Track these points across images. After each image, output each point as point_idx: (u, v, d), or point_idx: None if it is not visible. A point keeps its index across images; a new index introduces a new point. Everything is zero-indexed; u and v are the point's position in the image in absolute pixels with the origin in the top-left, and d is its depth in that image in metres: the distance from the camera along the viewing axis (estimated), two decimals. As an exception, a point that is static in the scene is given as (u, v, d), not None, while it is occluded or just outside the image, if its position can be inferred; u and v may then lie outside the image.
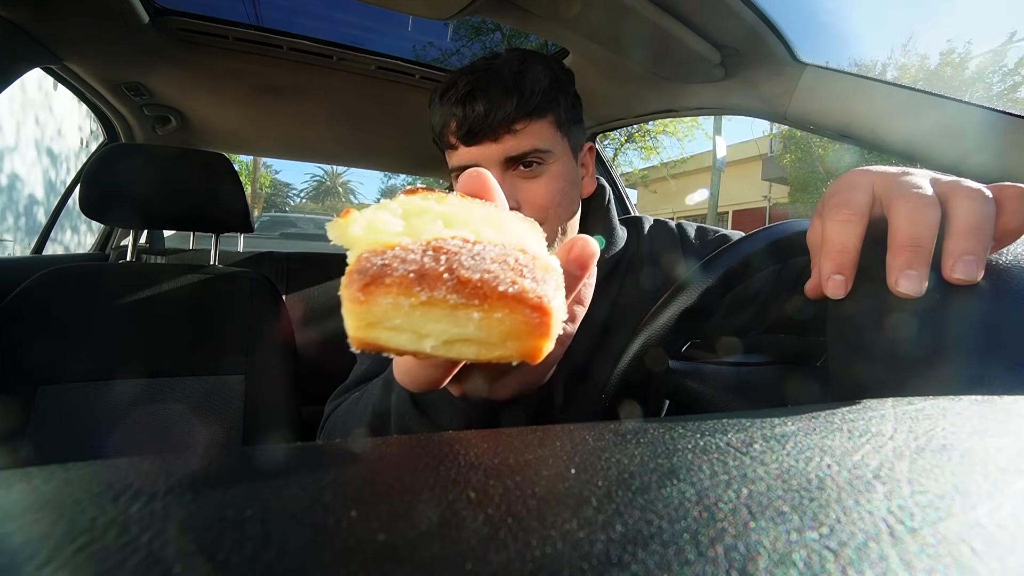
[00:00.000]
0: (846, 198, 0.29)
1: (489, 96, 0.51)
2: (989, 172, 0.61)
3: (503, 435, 0.15)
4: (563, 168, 0.56)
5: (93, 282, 0.85)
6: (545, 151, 0.53)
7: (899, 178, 0.28)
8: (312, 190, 37.23)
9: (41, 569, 0.08)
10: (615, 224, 0.65)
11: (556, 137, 0.55)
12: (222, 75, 1.19)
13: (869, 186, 0.29)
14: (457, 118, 0.52)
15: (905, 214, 0.26)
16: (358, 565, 0.08)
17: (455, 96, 0.52)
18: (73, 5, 0.86)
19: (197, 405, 0.83)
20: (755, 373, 0.42)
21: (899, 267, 0.25)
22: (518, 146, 0.52)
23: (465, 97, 0.51)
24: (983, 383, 0.23)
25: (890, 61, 12.70)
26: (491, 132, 0.52)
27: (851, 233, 0.28)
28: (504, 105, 0.51)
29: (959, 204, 0.26)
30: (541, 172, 0.55)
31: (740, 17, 0.72)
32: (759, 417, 0.15)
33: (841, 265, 0.28)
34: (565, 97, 0.56)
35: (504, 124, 0.51)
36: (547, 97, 0.53)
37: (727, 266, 0.39)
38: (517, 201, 0.54)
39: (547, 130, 0.54)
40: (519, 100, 0.51)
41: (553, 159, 0.55)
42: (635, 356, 0.42)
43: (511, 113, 0.51)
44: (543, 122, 0.54)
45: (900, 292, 0.25)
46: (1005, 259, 0.27)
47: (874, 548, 0.09)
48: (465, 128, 0.52)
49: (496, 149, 0.53)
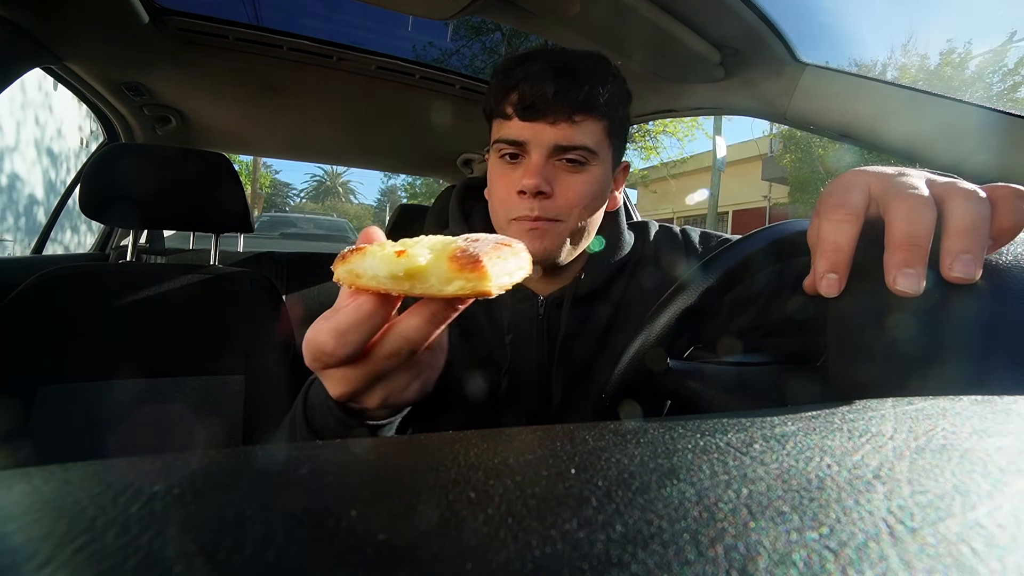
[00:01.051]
0: (842, 198, 0.29)
1: (560, 80, 0.51)
2: (989, 172, 0.61)
3: (503, 435, 0.15)
4: (602, 174, 0.56)
5: (93, 282, 0.85)
6: (592, 152, 0.54)
7: (895, 179, 0.29)
8: (312, 190, 37.25)
9: (41, 569, 0.08)
10: (623, 228, 0.65)
11: (604, 143, 0.56)
12: (222, 75, 1.19)
13: (865, 186, 0.29)
14: (522, 92, 0.52)
15: (902, 214, 0.26)
16: (358, 565, 0.08)
17: (526, 72, 0.52)
18: (73, 5, 0.86)
19: (197, 405, 0.83)
20: (755, 373, 0.42)
21: (897, 265, 0.26)
22: (570, 137, 0.53)
23: (537, 74, 0.51)
24: (983, 383, 0.23)
25: (890, 61, 12.69)
26: (551, 113, 0.52)
27: (846, 232, 0.29)
28: (572, 91, 0.51)
29: (955, 205, 0.26)
30: (582, 170, 0.55)
31: (740, 17, 0.72)
32: (759, 417, 0.15)
33: (835, 264, 0.29)
34: (622, 108, 0.57)
35: (566, 110, 0.52)
36: (610, 102, 0.54)
37: (728, 265, 0.39)
38: (552, 188, 0.54)
39: (599, 133, 0.55)
40: (588, 92, 0.51)
41: (596, 162, 0.55)
42: (635, 355, 0.42)
43: (577, 102, 0.51)
44: (599, 124, 0.54)
45: (898, 290, 0.25)
46: (1005, 259, 0.27)
47: (874, 548, 0.09)
48: (528, 101, 0.52)
49: (550, 133, 0.53)
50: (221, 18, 0.99)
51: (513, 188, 0.54)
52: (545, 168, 0.53)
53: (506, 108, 0.55)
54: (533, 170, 0.53)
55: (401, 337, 0.29)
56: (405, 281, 0.24)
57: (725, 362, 0.44)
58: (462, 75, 1.22)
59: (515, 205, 0.54)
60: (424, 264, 0.24)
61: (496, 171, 0.58)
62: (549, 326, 0.62)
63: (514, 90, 0.53)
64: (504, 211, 0.56)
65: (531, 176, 0.52)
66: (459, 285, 0.24)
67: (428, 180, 11.00)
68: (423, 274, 0.24)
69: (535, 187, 0.52)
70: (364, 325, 0.28)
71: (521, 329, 0.62)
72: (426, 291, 0.24)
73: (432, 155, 1.83)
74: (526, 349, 0.61)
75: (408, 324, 0.29)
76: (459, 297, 0.25)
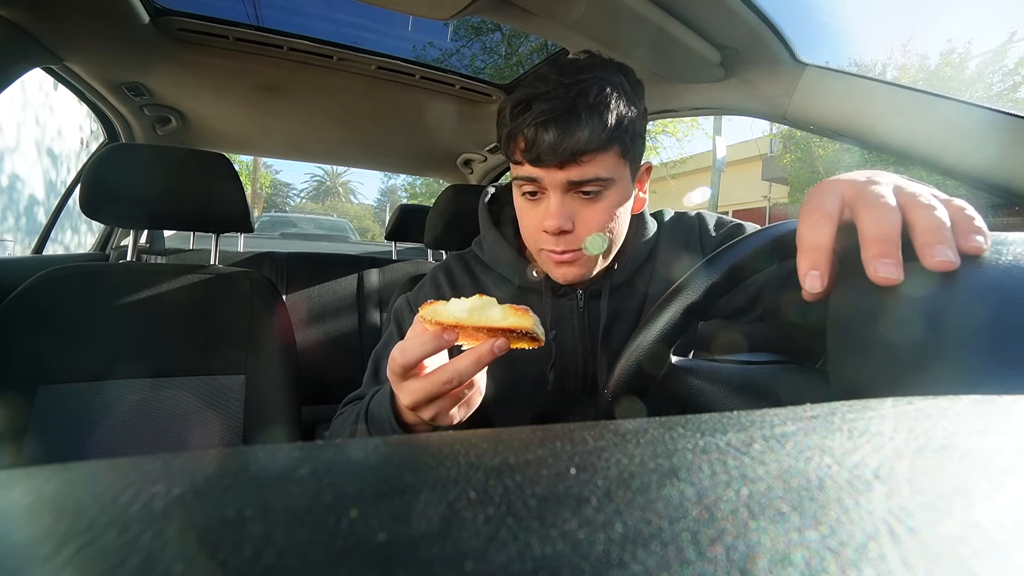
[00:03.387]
0: (817, 203, 0.32)
1: (561, 127, 0.51)
2: (989, 172, 0.61)
3: (503, 435, 0.15)
4: (621, 193, 0.58)
5: (93, 282, 0.85)
6: (607, 179, 0.55)
7: (865, 187, 0.31)
8: (312, 190, 37.24)
9: (41, 569, 0.08)
10: (646, 217, 0.69)
11: (619, 165, 0.56)
12: (222, 75, 1.19)
13: (839, 193, 0.32)
14: (527, 139, 0.53)
15: (871, 218, 0.29)
16: (358, 565, 0.08)
17: (529, 119, 0.53)
18: (73, 5, 0.86)
19: (197, 405, 0.84)
20: (756, 372, 0.42)
21: (874, 257, 0.28)
22: (581, 174, 0.54)
23: (538, 123, 0.52)
24: (983, 383, 0.23)
25: (890, 61, 12.68)
26: (557, 160, 0.53)
27: (822, 233, 0.31)
28: (574, 137, 0.51)
29: (917, 211, 0.29)
30: (600, 198, 0.56)
31: (740, 17, 0.72)
32: (759, 417, 0.15)
33: (815, 262, 0.31)
34: (633, 123, 0.56)
35: (572, 157, 0.52)
36: (616, 129, 0.53)
37: (731, 262, 0.40)
38: (574, 222, 0.56)
39: (611, 160, 0.55)
40: (589, 135, 0.52)
41: (613, 186, 0.56)
42: (636, 354, 0.42)
43: (579, 147, 0.52)
44: (608, 153, 0.54)
45: (881, 278, 0.27)
46: (1005, 259, 0.27)
47: (874, 548, 0.09)
48: (533, 153, 0.53)
49: (560, 175, 0.54)
50: (221, 18, 0.99)
51: (538, 225, 0.58)
52: (564, 206, 0.55)
53: (515, 153, 0.57)
54: (553, 212, 0.55)
55: (454, 370, 0.39)
56: (476, 312, 0.36)
57: (727, 360, 0.44)
58: (462, 75, 1.22)
59: (541, 239, 0.58)
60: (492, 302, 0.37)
61: (520, 204, 0.61)
62: (589, 318, 0.65)
63: (519, 136, 0.54)
64: (533, 242, 0.61)
65: (552, 218, 0.55)
66: (512, 321, 0.36)
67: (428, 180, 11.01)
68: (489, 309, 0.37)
69: (557, 227, 0.55)
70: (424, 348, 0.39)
71: (563, 323, 0.65)
72: (489, 322, 0.36)
73: (432, 155, 1.83)
74: (569, 341, 0.65)
75: (461, 361, 0.39)
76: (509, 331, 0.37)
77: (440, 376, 0.39)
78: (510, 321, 0.36)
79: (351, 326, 1.49)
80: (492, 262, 0.69)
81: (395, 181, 32.89)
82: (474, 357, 0.39)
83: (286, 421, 0.88)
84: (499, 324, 0.36)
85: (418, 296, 0.71)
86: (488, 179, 1.81)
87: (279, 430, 0.86)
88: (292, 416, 0.89)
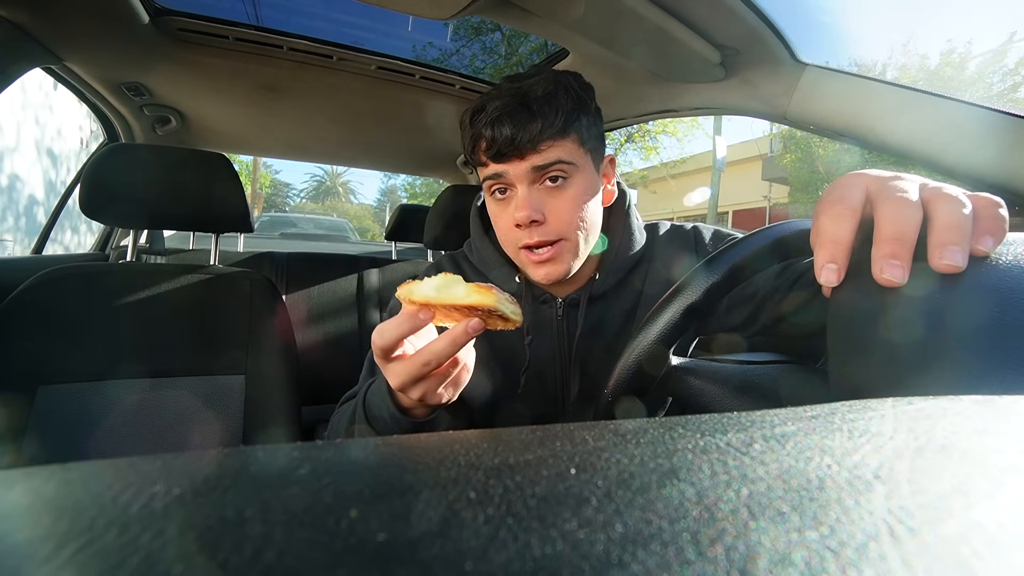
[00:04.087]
0: (840, 195, 0.31)
1: (515, 120, 0.56)
2: (989, 172, 0.61)
3: (503, 435, 0.15)
4: (586, 181, 0.60)
5: (93, 282, 0.85)
6: (569, 163, 0.58)
7: (889, 182, 0.31)
8: (312, 190, 37.23)
9: (41, 569, 0.08)
10: (635, 228, 0.69)
11: (579, 152, 0.59)
12: (222, 75, 1.19)
13: (863, 186, 0.31)
14: (487, 139, 0.57)
15: (891, 214, 0.29)
16: (358, 565, 0.08)
17: (485, 120, 0.57)
18: (73, 5, 0.86)
19: (197, 405, 0.84)
20: (757, 372, 0.42)
21: (883, 257, 0.27)
22: (543, 159, 0.57)
23: (494, 121, 0.56)
24: (983, 383, 0.23)
25: (890, 61, 12.68)
26: (517, 152, 0.57)
27: (843, 226, 0.30)
28: (529, 128, 0.55)
29: (940, 206, 0.28)
30: (566, 186, 0.59)
31: (740, 17, 0.72)
32: (759, 417, 0.15)
33: (833, 255, 0.30)
34: (587, 116, 0.60)
35: (530, 145, 0.56)
36: (569, 119, 0.57)
37: (732, 262, 0.40)
38: (543, 214, 0.58)
39: (571, 146, 0.58)
40: (543, 124, 0.56)
41: (577, 172, 0.59)
42: (639, 353, 0.42)
43: (536, 136, 0.56)
44: (566, 140, 0.58)
45: (885, 279, 0.27)
46: (1005, 259, 0.27)
47: (874, 548, 0.09)
48: (494, 149, 0.57)
49: (523, 165, 0.57)
50: (221, 18, 0.99)
51: (511, 221, 0.59)
52: (532, 197, 0.58)
53: (479, 156, 0.60)
54: (522, 203, 0.58)
55: (430, 352, 0.41)
56: (442, 290, 0.38)
57: (727, 360, 0.44)
58: (462, 75, 1.22)
59: (516, 236, 0.60)
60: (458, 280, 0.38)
61: (493, 208, 0.63)
62: (568, 326, 0.66)
63: (480, 139, 0.58)
64: (509, 242, 0.62)
65: (521, 208, 0.57)
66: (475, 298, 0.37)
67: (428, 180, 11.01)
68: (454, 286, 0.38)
69: (527, 218, 0.57)
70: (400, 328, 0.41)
71: (540, 330, 0.66)
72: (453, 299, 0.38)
73: (432, 155, 1.83)
74: (544, 349, 0.66)
75: (437, 343, 0.40)
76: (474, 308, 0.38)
77: (420, 358, 0.41)
78: (473, 299, 0.37)
79: (351, 326, 1.49)
80: (480, 264, 0.71)
81: (395, 181, 32.91)
82: (449, 339, 0.40)
83: (286, 421, 0.88)
84: (463, 302, 0.38)
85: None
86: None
87: (279, 430, 0.86)
88: (292, 416, 0.89)
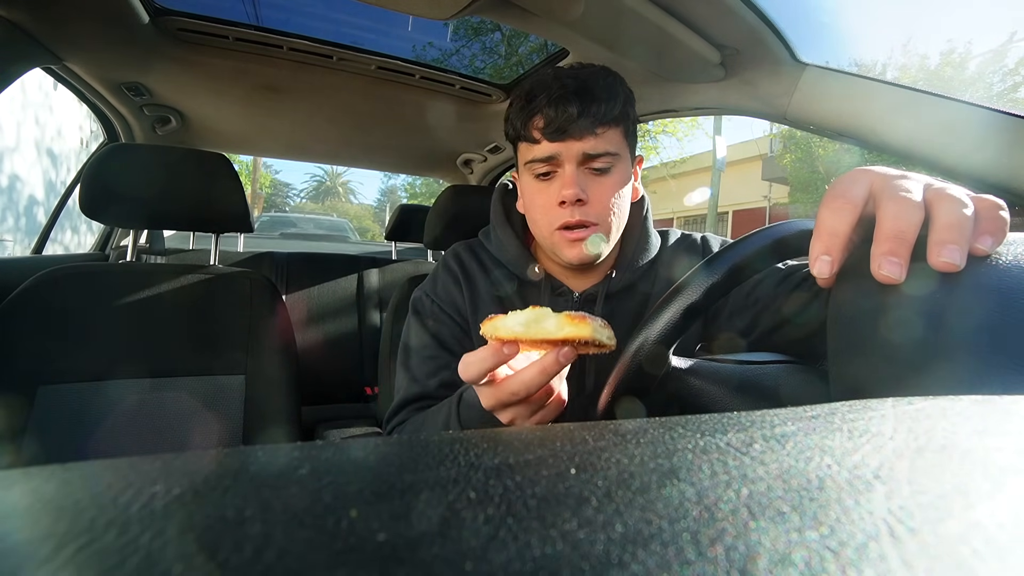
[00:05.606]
0: (844, 190, 0.31)
1: (582, 100, 0.58)
2: (989, 172, 0.61)
3: (503, 435, 0.15)
4: (625, 172, 0.63)
5: (93, 282, 0.85)
6: (615, 155, 0.61)
7: (894, 180, 0.31)
8: (312, 190, 37.22)
9: (41, 569, 0.08)
10: (651, 232, 0.71)
11: (624, 144, 0.62)
12: (222, 75, 1.19)
13: (868, 182, 0.31)
14: (548, 116, 0.59)
15: (892, 212, 0.29)
16: (358, 565, 0.08)
17: (548, 97, 0.59)
18: (73, 5, 0.86)
19: (197, 405, 0.84)
20: (756, 372, 0.42)
21: (882, 254, 0.28)
22: (596, 146, 0.59)
23: (559, 99, 0.58)
24: (983, 383, 0.23)
25: (890, 61, 12.68)
26: (577, 132, 0.58)
27: (842, 219, 0.31)
28: (594, 110, 0.58)
29: (942, 205, 0.28)
30: (609, 174, 0.61)
31: (740, 17, 0.72)
32: (759, 417, 0.15)
33: (829, 247, 0.30)
34: (632, 112, 0.63)
35: (590, 126, 0.58)
36: (624, 109, 0.61)
37: (731, 263, 0.40)
38: (587, 194, 0.60)
39: (618, 137, 0.61)
40: (606, 107, 0.59)
41: (619, 163, 0.62)
42: (636, 353, 0.42)
43: (599, 117, 0.58)
44: (617, 130, 0.61)
45: (883, 275, 0.27)
46: (1005, 259, 0.27)
47: (874, 548, 0.09)
48: (555, 126, 0.59)
49: (578, 146, 0.59)
50: (221, 18, 0.99)
51: (553, 200, 0.61)
52: (578, 178, 0.60)
53: (532, 132, 0.61)
54: (569, 180, 0.59)
55: (520, 381, 0.39)
56: (532, 325, 0.35)
57: (728, 360, 0.44)
58: (462, 75, 1.22)
59: (557, 215, 0.61)
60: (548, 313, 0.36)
61: (532, 188, 0.64)
62: None
63: (538, 114, 0.60)
64: (547, 221, 0.63)
65: (569, 186, 0.59)
66: (567, 331, 0.34)
67: (428, 180, 11.00)
68: (544, 321, 0.35)
69: (574, 196, 0.58)
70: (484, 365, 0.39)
71: None
72: (544, 334, 0.35)
73: (432, 155, 1.83)
74: None
75: (527, 372, 0.39)
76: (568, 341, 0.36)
77: (508, 387, 0.40)
78: (565, 332, 0.34)
79: (351, 326, 1.49)
80: (498, 252, 0.71)
81: (395, 181, 32.92)
82: (539, 368, 0.38)
83: (286, 421, 0.88)
84: (555, 336, 0.35)
85: (435, 286, 0.73)
86: (488, 179, 1.81)
87: (279, 430, 0.86)
88: (292, 416, 0.89)
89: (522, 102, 0.62)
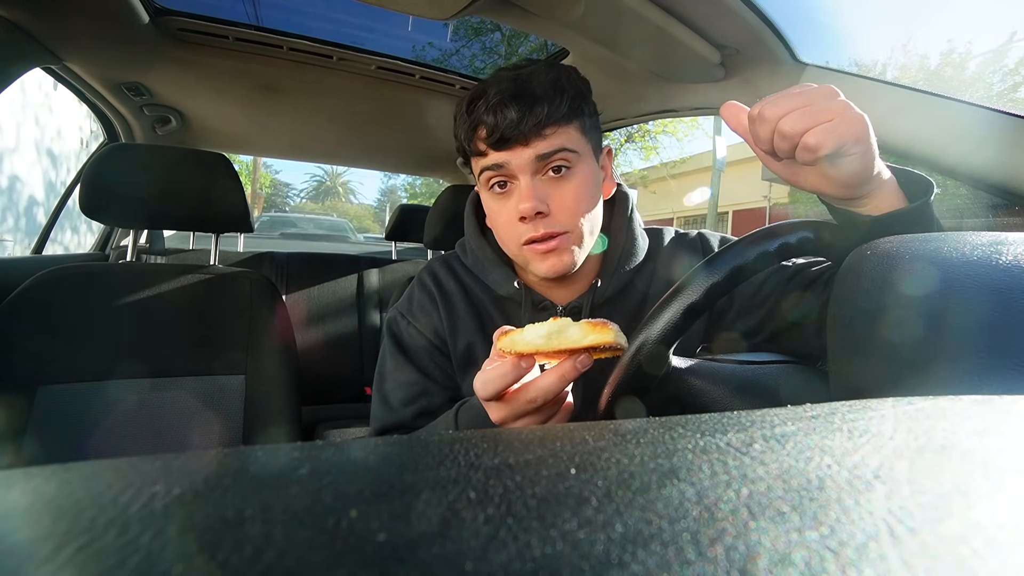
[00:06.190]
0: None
1: (520, 104, 0.53)
2: (989, 172, 0.61)
3: (503, 435, 0.15)
4: (588, 171, 0.58)
5: (93, 282, 0.85)
6: (572, 151, 0.56)
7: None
8: (312, 190, 37.24)
9: (41, 569, 0.08)
10: (637, 233, 0.66)
11: (582, 141, 0.57)
12: (222, 75, 1.19)
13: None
14: (488, 125, 0.54)
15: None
16: (358, 565, 0.08)
17: (485, 105, 0.54)
18: (73, 5, 0.86)
19: (197, 405, 0.84)
20: (756, 372, 0.42)
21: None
22: (548, 146, 0.54)
23: (496, 105, 0.53)
24: (983, 383, 0.23)
25: (890, 61, 12.68)
26: (522, 137, 0.54)
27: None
28: (535, 112, 0.53)
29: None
30: (570, 176, 0.56)
31: (740, 17, 0.72)
32: (759, 417, 0.15)
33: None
34: (587, 104, 0.59)
35: (535, 130, 0.54)
36: (573, 105, 0.56)
37: (733, 263, 0.39)
38: (548, 204, 0.55)
39: (574, 134, 0.56)
40: (550, 107, 0.54)
41: (579, 161, 0.57)
42: (636, 353, 0.42)
43: (542, 120, 0.53)
44: (570, 127, 0.56)
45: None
46: (1005, 259, 0.27)
47: (874, 548, 0.09)
48: (496, 135, 0.54)
49: (527, 152, 0.55)
50: (221, 18, 0.99)
51: (513, 215, 0.56)
52: (536, 188, 0.55)
53: (477, 144, 0.57)
54: (526, 194, 0.55)
55: (537, 388, 0.39)
56: (555, 337, 0.35)
57: (728, 360, 0.44)
58: (462, 75, 1.22)
59: (520, 230, 0.56)
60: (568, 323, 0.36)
61: (493, 205, 0.60)
62: None
63: (480, 125, 0.55)
64: (511, 238, 0.58)
65: (526, 200, 0.54)
66: (593, 338, 0.34)
67: (428, 180, 10.99)
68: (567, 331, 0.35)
69: (532, 209, 0.54)
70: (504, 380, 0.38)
71: None
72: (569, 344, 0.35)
73: (432, 155, 1.83)
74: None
75: (545, 379, 0.39)
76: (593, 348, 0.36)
77: (526, 395, 0.39)
78: (591, 339, 0.34)
79: (351, 326, 1.49)
80: (474, 267, 0.67)
81: (395, 181, 32.93)
82: (558, 375, 0.38)
83: (286, 421, 0.88)
84: (581, 344, 0.35)
85: (411, 306, 0.69)
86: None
87: (279, 430, 0.86)
88: (292, 416, 0.89)
89: (462, 113, 0.58)
